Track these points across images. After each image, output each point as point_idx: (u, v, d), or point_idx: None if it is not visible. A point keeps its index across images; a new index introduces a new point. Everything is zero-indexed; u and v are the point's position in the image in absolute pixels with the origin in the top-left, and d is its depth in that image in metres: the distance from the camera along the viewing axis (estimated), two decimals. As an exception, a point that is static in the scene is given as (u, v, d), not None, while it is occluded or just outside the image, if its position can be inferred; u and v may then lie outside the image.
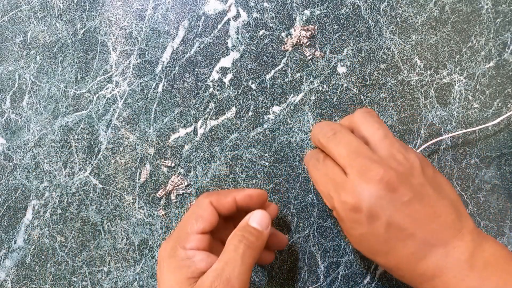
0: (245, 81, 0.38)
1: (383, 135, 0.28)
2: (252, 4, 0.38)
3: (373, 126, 0.28)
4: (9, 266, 0.38)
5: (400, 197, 0.25)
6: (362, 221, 0.25)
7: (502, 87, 0.37)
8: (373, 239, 0.26)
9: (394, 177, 0.25)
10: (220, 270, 0.26)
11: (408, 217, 0.25)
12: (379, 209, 0.25)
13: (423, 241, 0.25)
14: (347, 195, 0.26)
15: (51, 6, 0.39)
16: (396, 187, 0.25)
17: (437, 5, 0.37)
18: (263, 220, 0.28)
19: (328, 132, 0.29)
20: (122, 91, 0.38)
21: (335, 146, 0.28)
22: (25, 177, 0.38)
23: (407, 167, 0.26)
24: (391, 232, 0.25)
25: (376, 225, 0.25)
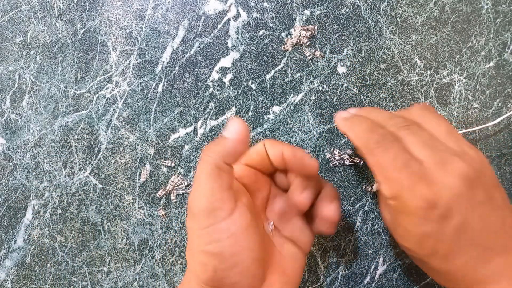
0: (245, 81, 0.38)
1: (447, 131, 0.26)
2: (252, 4, 0.38)
3: (435, 122, 0.27)
4: (9, 266, 0.38)
5: (476, 196, 0.23)
6: (433, 218, 0.23)
7: (502, 87, 0.37)
8: (438, 239, 0.23)
9: (472, 173, 0.23)
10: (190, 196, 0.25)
11: (480, 219, 0.23)
12: (456, 208, 0.23)
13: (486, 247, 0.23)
14: (424, 187, 0.23)
15: (51, 6, 0.39)
16: (474, 185, 0.23)
17: (437, 5, 0.37)
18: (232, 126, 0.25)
19: (401, 122, 0.27)
20: (122, 91, 0.38)
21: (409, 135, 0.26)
22: (25, 177, 0.38)
23: (479, 164, 0.24)
24: (460, 234, 0.23)
25: (447, 224, 0.23)
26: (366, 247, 0.36)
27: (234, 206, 0.25)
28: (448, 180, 0.23)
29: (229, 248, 0.24)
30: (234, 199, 0.25)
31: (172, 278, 0.37)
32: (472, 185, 0.23)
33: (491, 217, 0.24)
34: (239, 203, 0.25)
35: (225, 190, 0.24)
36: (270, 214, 0.29)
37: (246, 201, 0.26)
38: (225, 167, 0.25)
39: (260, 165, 0.29)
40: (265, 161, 0.28)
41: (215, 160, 0.24)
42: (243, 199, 0.26)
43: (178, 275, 0.37)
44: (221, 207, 0.24)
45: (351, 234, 0.36)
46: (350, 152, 0.37)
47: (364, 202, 0.36)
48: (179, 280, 0.37)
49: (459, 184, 0.23)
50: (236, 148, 0.25)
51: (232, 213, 0.24)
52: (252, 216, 0.26)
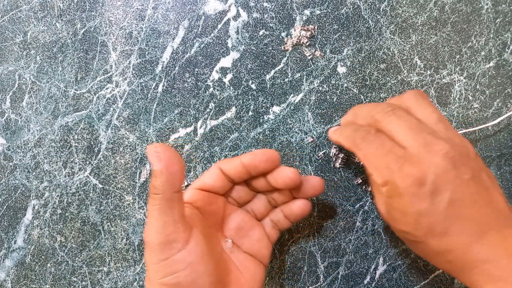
0: (245, 81, 0.38)
1: (438, 118, 0.27)
2: (252, 4, 0.38)
3: (427, 109, 0.28)
4: (9, 266, 0.38)
5: (462, 174, 0.25)
6: (424, 195, 0.24)
7: (502, 87, 0.37)
8: (432, 216, 0.25)
9: (457, 154, 0.25)
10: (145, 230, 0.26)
11: (469, 195, 0.24)
12: (444, 184, 0.24)
13: (479, 222, 0.24)
14: (411, 167, 0.25)
15: (51, 6, 0.39)
16: (459, 164, 0.25)
17: (437, 5, 0.37)
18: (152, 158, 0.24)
19: (386, 107, 0.28)
20: (122, 91, 0.38)
21: (395, 120, 0.27)
22: (25, 177, 0.38)
23: (465, 149, 0.26)
24: (452, 209, 0.24)
25: (438, 200, 0.24)
26: (366, 247, 0.36)
27: (188, 236, 0.25)
28: (433, 159, 0.25)
29: (186, 278, 0.25)
30: (188, 228, 0.26)
31: (172, 278, 0.37)
32: (458, 164, 0.25)
33: (479, 194, 0.25)
34: (194, 231, 0.26)
35: (178, 222, 0.25)
36: (228, 232, 0.30)
37: (200, 226, 0.27)
38: (175, 196, 0.25)
39: (213, 187, 0.29)
40: (218, 182, 0.29)
41: (164, 193, 0.24)
42: (198, 225, 0.27)
43: (178, 275, 0.37)
44: (176, 239, 0.25)
45: (351, 234, 0.36)
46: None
47: (364, 202, 0.36)
48: (179, 280, 0.37)
49: (445, 163, 0.24)
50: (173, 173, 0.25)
51: (187, 243, 0.25)
52: (207, 241, 0.27)
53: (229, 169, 0.29)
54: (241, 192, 0.31)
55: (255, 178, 0.30)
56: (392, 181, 0.26)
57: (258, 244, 0.30)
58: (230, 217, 0.31)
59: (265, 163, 0.29)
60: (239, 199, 0.31)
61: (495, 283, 0.24)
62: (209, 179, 0.29)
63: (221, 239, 0.30)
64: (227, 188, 0.30)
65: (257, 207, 0.32)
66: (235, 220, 0.31)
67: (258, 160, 0.29)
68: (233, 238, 0.30)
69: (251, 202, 0.32)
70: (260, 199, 0.32)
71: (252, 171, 0.29)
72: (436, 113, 0.28)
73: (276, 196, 0.31)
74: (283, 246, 0.36)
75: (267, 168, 0.29)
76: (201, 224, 0.27)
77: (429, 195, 0.24)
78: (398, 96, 0.31)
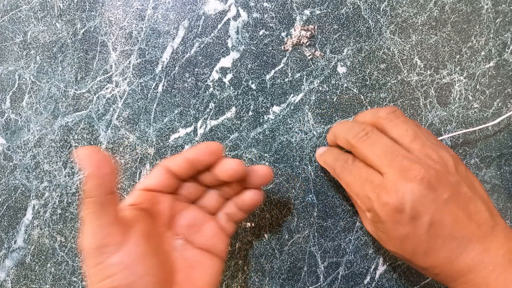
0: (245, 81, 0.38)
1: (413, 136, 0.27)
2: (252, 4, 0.38)
3: (401, 128, 0.28)
4: (9, 266, 0.38)
5: (440, 195, 0.25)
6: (404, 221, 0.25)
7: (502, 87, 0.37)
8: (415, 239, 0.26)
9: (434, 176, 0.25)
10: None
11: (448, 215, 0.25)
12: (422, 208, 0.25)
13: (461, 238, 0.25)
14: (388, 196, 0.25)
15: (51, 6, 0.39)
16: (437, 186, 0.25)
17: (437, 5, 0.37)
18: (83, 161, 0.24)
19: (360, 132, 0.29)
20: (122, 91, 0.38)
21: (369, 146, 0.28)
22: (25, 177, 0.38)
23: (443, 166, 0.26)
24: (433, 231, 0.25)
25: (419, 224, 0.25)
26: (366, 247, 0.36)
27: (124, 238, 0.25)
28: (409, 186, 0.25)
29: (123, 281, 0.24)
30: (123, 231, 0.25)
31: (172, 278, 0.37)
32: (435, 186, 0.25)
33: (460, 210, 0.25)
34: (131, 233, 0.26)
35: (113, 224, 0.25)
36: (180, 230, 0.30)
37: (142, 227, 0.27)
38: (108, 199, 0.25)
39: (158, 186, 0.29)
40: (163, 181, 0.29)
41: (96, 197, 0.24)
42: (139, 226, 0.26)
43: (178, 275, 0.37)
44: (110, 242, 0.24)
45: (351, 234, 0.36)
46: None
47: (364, 202, 0.36)
48: (179, 280, 0.37)
49: (421, 188, 0.25)
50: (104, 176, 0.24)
51: (122, 246, 0.25)
52: (150, 241, 0.26)
53: (173, 166, 0.29)
54: (190, 189, 0.31)
55: (202, 173, 0.30)
56: (374, 209, 0.26)
57: (213, 239, 0.30)
58: (180, 215, 0.30)
59: (209, 157, 0.28)
60: (189, 196, 0.31)
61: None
62: (153, 179, 0.29)
63: (172, 237, 0.30)
64: (174, 186, 0.30)
65: (209, 202, 0.31)
66: (186, 217, 0.30)
67: (201, 154, 0.28)
68: (185, 235, 0.30)
69: (202, 197, 0.31)
70: (211, 194, 0.31)
71: (196, 165, 0.29)
72: (411, 130, 0.28)
73: (226, 189, 0.31)
74: (283, 246, 0.36)
75: (211, 161, 0.29)
76: (145, 225, 0.27)
77: (409, 220, 0.25)
78: (374, 111, 0.31)
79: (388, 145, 0.27)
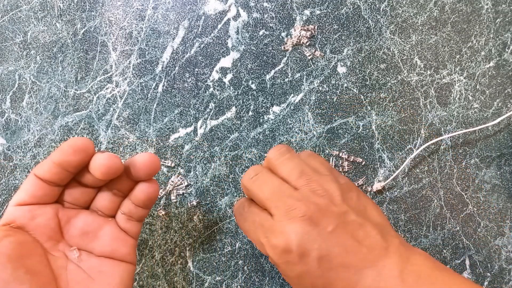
0: (245, 81, 0.38)
1: (299, 173, 0.28)
2: (252, 4, 0.38)
3: (287, 166, 0.29)
4: (9, 266, 0.38)
5: (325, 228, 0.25)
6: (294, 261, 0.25)
7: (502, 87, 0.37)
8: (309, 276, 0.26)
9: (316, 211, 0.26)
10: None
11: (336, 246, 0.25)
12: (308, 245, 0.25)
13: (354, 267, 0.25)
14: (276, 238, 0.26)
15: (51, 6, 0.39)
16: (319, 220, 0.26)
17: (437, 5, 0.37)
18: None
19: (251, 174, 0.29)
20: (122, 91, 0.38)
21: (258, 187, 0.28)
22: (25, 177, 0.38)
23: (327, 199, 0.27)
24: (323, 265, 0.25)
25: (308, 261, 0.25)
26: (366, 247, 0.36)
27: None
28: (293, 226, 0.25)
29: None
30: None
31: (172, 278, 0.37)
32: (317, 220, 0.26)
33: (347, 240, 0.25)
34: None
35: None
36: (72, 240, 0.27)
37: (11, 249, 0.24)
38: None
39: (34, 198, 0.26)
40: (38, 191, 0.26)
41: None
42: (6, 249, 0.23)
43: (178, 275, 0.37)
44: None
45: (351, 234, 0.36)
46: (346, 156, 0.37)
47: (364, 202, 0.36)
48: (179, 280, 0.37)
49: (304, 225, 0.25)
50: None
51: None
52: (19, 265, 0.23)
53: (44, 173, 0.26)
54: (75, 193, 0.27)
55: (81, 173, 0.27)
56: (267, 254, 0.27)
57: (113, 243, 0.28)
58: (70, 224, 0.27)
59: (76, 155, 0.25)
60: (77, 201, 0.28)
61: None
62: (25, 191, 0.26)
63: (66, 250, 0.27)
64: (54, 194, 0.26)
65: (103, 203, 0.28)
66: (77, 225, 0.27)
67: (66, 154, 0.25)
68: (80, 245, 0.27)
69: (95, 199, 0.28)
70: (103, 194, 0.28)
71: (67, 167, 0.25)
72: (297, 167, 0.28)
73: (117, 186, 0.28)
74: (283, 246, 0.36)
75: (82, 160, 0.25)
76: (16, 246, 0.24)
77: (299, 259, 0.25)
78: (268, 154, 0.31)
79: (276, 184, 0.28)
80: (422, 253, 0.26)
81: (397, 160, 0.37)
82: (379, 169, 0.37)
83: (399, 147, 0.37)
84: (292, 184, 0.28)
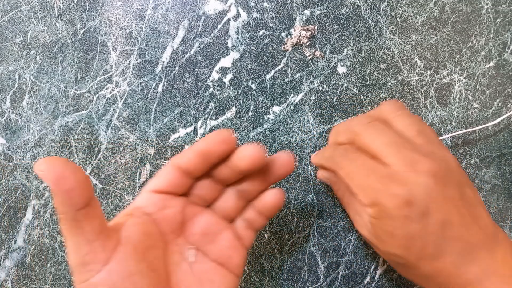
0: (245, 81, 0.38)
1: (418, 130, 0.26)
2: (252, 4, 0.38)
3: (405, 120, 0.27)
4: (9, 266, 0.38)
5: (449, 193, 0.24)
6: (414, 217, 0.23)
7: (502, 87, 0.37)
8: (423, 238, 0.23)
9: (443, 171, 0.24)
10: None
11: (457, 215, 0.23)
12: (432, 204, 0.23)
13: (469, 242, 0.23)
14: (398, 187, 0.23)
15: (51, 6, 0.39)
16: (446, 182, 0.24)
17: (437, 5, 0.37)
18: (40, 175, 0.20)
19: (364, 119, 0.27)
20: (122, 91, 0.38)
21: (373, 134, 0.26)
22: (25, 177, 0.38)
23: (448, 164, 0.25)
24: (442, 231, 0.23)
25: (429, 222, 0.23)
26: (366, 247, 0.36)
27: (109, 255, 0.22)
28: (419, 179, 0.23)
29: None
30: (110, 246, 0.22)
31: (172, 278, 0.37)
32: (444, 182, 0.24)
33: (467, 212, 0.24)
34: (121, 248, 0.22)
35: (92, 241, 0.22)
36: (192, 238, 0.26)
37: (137, 239, 0.23)
38: (80, 214, 0.21)
39: (168, 187, 0.25)
40: (174, 180, 0.25)
41: (65, 214, 0.21)
42: (132, 239, 0.23)
43: (178, 275, 0.37)
44: (92, 260, 0.22)
45: (351, 234, 0.36)
46: None
47: (364, 202, 0.36)
48: (179, 280, 0.37)
49: (431, 182, 0.23)
50: (67, 191, 0.20)
51: (108, 263, 0.22)
52: (142, 257, 0.23)
53: (184, 163, 0.25)
54: (204, 188, 0.27)
55: (217, 167, 0.26)
56: (380, 202, 0.24)
57: (229, 251, 0.26)
58: (193, 221, 0.26)
59: (222, 146, 0.25)
60: (204, 196, 0.27)
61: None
62: (163, 178, 0.25)
63: (183, 246, 0.26)
64: (186, 186, 0.26)
65: (226, 205, 0.27)
66: (200, 224, 0.26)
67: (213, 143, 0.25)
68: (199, 245, 0.26)
69: (218, 200, 0.28)
70: (228, 195, 0.27)
71: (210, 158, 0.25)
72: (416, 124, 0.26)
73: (246, 186, 0.27)
74: (283, 246, 0.36)
75: (225, 151, 0.25)
76: (142, 236, 0.24)
77: (419, 216, 0.23)
78: (376, 108, 0.29)
79: (393, 135, 0.25)
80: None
81: (397, 160, 0.37)
82: (379, 169, 0.37)
83: (399, 147, 0.37)
84: (410, 140, 0.25)
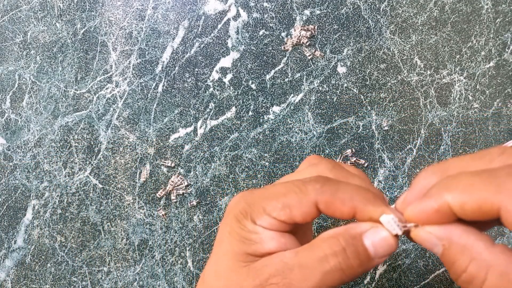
0: (245, 81, 0.38)
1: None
2: (252, 4, 0.38)
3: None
4: (9, 266, 0.38)
5: None
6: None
7: (502, 87, 0.37)
8: None
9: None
10: (288, 271, 0.20)
11: None
12: None
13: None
14: None
15: (51, 6, 0.39)
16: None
17: (437, 5, 0.37)
18: (382, 245, 0.19)
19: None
20: (122, 91, 0.38)
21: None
22: (25, 177, 0.38)
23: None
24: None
25: None
26: (366, 247, 0.36)
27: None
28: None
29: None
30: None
31: (172, 278, 0.37)
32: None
33: None
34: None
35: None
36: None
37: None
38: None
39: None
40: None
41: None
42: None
43: (178, 275, 0.37)
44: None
45: (351, 234, 0.36)
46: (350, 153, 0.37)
47: (364, 202, 0.36)
48: (179, 280, 0.37)
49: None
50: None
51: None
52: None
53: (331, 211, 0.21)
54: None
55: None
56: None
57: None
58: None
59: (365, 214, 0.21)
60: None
61: None
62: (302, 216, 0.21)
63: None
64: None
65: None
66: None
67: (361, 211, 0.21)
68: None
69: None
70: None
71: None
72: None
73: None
74: (283, 246, 0.36)
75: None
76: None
77: None
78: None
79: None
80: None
81: (397, 160, 0.37)
82: (379, 169, 0.37)
83: (399, 147, 0.37)
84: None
